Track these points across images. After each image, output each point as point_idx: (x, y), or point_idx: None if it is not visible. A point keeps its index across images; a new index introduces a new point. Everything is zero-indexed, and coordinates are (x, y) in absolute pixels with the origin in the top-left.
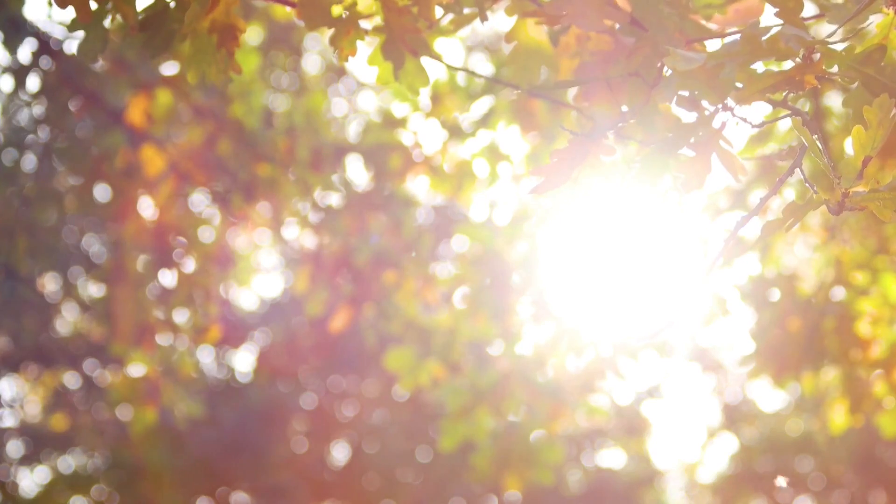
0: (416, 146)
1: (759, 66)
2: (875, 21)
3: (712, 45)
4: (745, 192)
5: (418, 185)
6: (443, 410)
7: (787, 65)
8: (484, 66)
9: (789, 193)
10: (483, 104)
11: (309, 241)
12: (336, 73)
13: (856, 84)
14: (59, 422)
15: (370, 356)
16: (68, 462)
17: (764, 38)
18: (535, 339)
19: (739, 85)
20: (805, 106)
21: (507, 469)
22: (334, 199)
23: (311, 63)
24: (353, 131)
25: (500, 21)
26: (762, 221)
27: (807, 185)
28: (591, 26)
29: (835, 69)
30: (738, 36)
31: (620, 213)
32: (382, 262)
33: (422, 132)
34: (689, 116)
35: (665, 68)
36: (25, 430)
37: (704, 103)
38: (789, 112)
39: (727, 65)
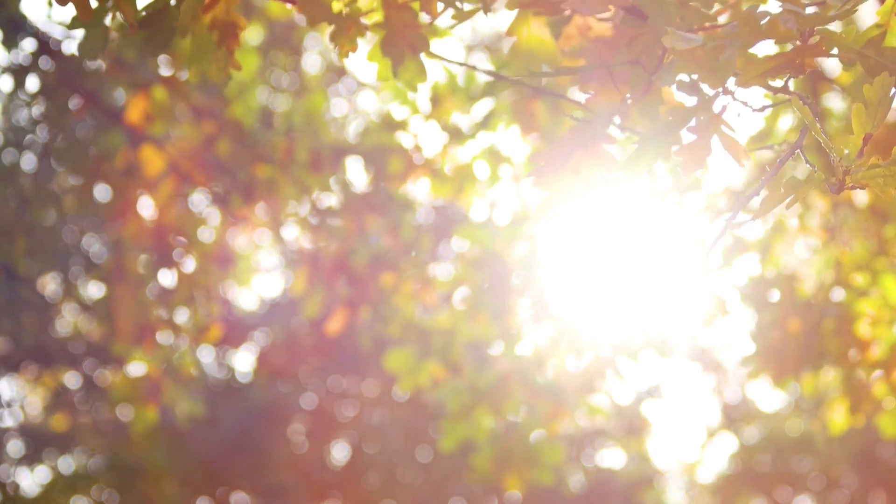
0: (416, 149)
1: (758, 51)
2: (874, 7)
3: None
4: (744, 192)
5: (419, 188)
6: (443, 411)
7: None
8: (484, 66)
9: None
10: (483, 106)
11: (308, 242)
12: (336, 73)
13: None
14: (59, 422)
15: (370, 356)
16: (68, 462)
17: (763, 21)
18: (534, 339)
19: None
20: None
21: (508, 469)
22: (333, 201)
23: (311, 63)
24: (352, 132)
25: (500, 20)
26: (763, 223)
27: (807, 164)
28: (593, 10)
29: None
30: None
31: (621, 208)
32: (381, 263)
33: (422, 135)
34: (689, 102)
35: (666, 55)
36: (25, 430)
37: (704, 87)
38: (789, 97)
39: (727, 47)
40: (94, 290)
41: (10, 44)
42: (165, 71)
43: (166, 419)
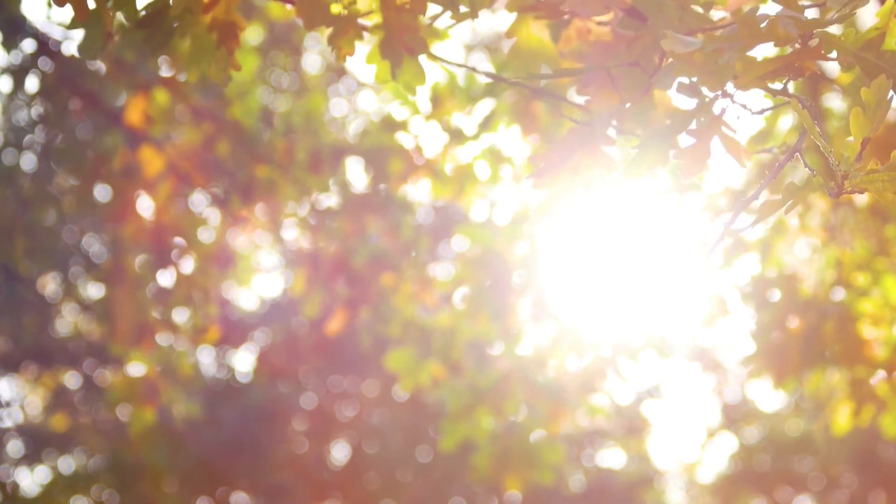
0: (416, 150)
1: (758, 54)
2: (873, 9)
3: None
4: (744, 192)
5: (420, 189)
6: (443, 411)
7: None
8: (484, 66)
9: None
10: (484, 106)
11: (307, 242)
12: (336, 73)
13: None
14: (59, 422)
15: (370, 356)
16: (68, 462)
17: (762, 24)
18: (535, 339)
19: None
20: None
21: (508, 469)
22: (333, 201)
23: (311, 63)
24: (352, 132)
25: (499, 20)
26: (763, 223)
27: (806, 168)
28: (592, 12)
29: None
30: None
31: (620, 209)
32: (380, 264)
33: (422, 135)
34: (688, 105)
35: (665, 58)
36: (25, 430)
37: (704, 90)
38: (788, 100)
39: (726, 50)
40: (93, 290)
41: (10, 44)
42: (165, 72)
43: (166, 419)
